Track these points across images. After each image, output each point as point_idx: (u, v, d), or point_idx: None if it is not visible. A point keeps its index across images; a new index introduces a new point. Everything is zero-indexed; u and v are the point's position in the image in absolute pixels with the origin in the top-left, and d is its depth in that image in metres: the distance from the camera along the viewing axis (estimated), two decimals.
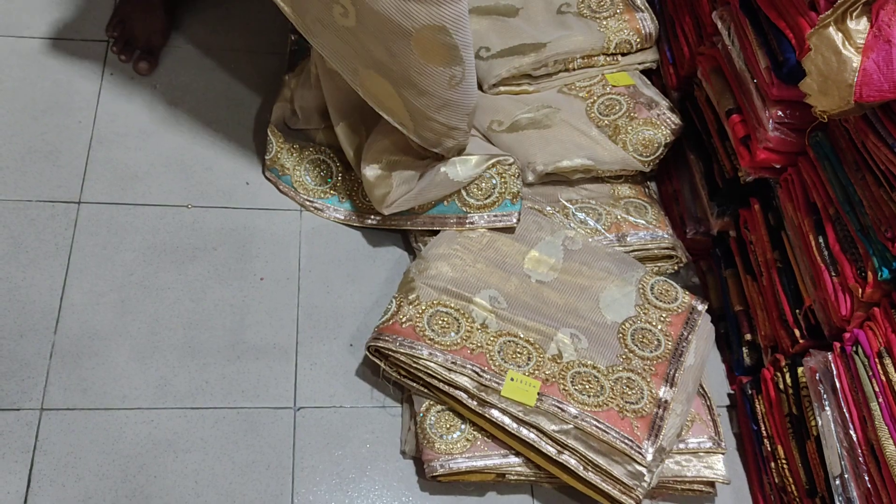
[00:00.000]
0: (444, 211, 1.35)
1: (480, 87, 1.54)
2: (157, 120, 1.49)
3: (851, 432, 1.01)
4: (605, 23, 1.55)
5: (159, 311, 1.30)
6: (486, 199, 1.34)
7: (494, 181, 1.34)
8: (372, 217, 1.41)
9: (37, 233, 1.33)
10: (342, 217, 1.42)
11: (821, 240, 1.09)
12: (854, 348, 1.03)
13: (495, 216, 1.34)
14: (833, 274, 1.07)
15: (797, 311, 1.16)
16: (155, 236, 1.37)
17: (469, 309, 1.25)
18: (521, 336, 1.23)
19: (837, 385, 1.05)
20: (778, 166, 1.19)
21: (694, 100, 1.42)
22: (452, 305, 1.25)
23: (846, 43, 0.92)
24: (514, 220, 1.33)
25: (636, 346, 1.25)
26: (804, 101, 1.01)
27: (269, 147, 1.44)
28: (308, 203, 1.43)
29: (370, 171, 1.33)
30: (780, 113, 1.13)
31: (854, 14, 0.92)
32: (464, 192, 1.34)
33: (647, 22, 1.55)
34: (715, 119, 1.33)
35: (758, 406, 1.23)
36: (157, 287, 1.32)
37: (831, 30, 0.93)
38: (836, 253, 1.07)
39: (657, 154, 1.44)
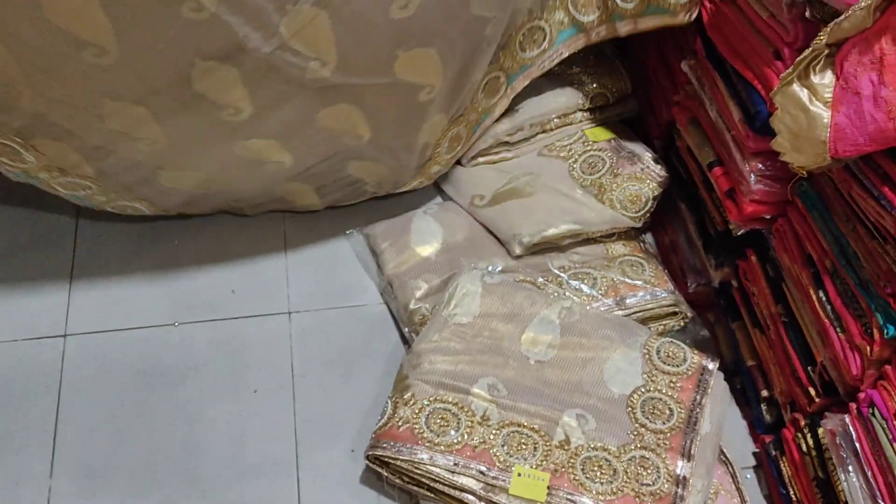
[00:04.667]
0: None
1: (459, 162, 1.51)
2: (138, 237, 1.47)
3: (880, 502, 0.95)
4: (577, 78, 1.51)
5: (154, 439, 1.26)
6: None
7: None
8: None
9: (24, 373, 1.31)
10: None
11: (821, 294, 1.04)
12: (870, 410, 0.97)
13: None
14: (839, 330, 1.01)
15: (809, 368, 1.10)
16: (144, 360, 1.34)
17: (468, 401, 1.20)
18: (525, 424, 1.18)
19: (858, 448, 0.98)
20: (768, 216, 1.13)
21: (676, 150, 1.37)
22: (450, 400, 1.20)
23: (813, 98, 0.88)
24: None
25: (647, 418, 1.19)
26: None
27: None
28: None
29: None
30: (760, 165, 1.08)
31: (817, 68, 0.87)
32: None
33: (621, 72, 1.51)
34: (699, 170, 1.28)
35: (783, 468, 1.16)
36: (149, 413, 1.28)
37: (795, 86, 0.88)
38: (839, 308, 1.01)
39: (646, 208, 1.40)
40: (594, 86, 1.50)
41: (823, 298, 1.03)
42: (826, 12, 0.91)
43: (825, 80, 0.87)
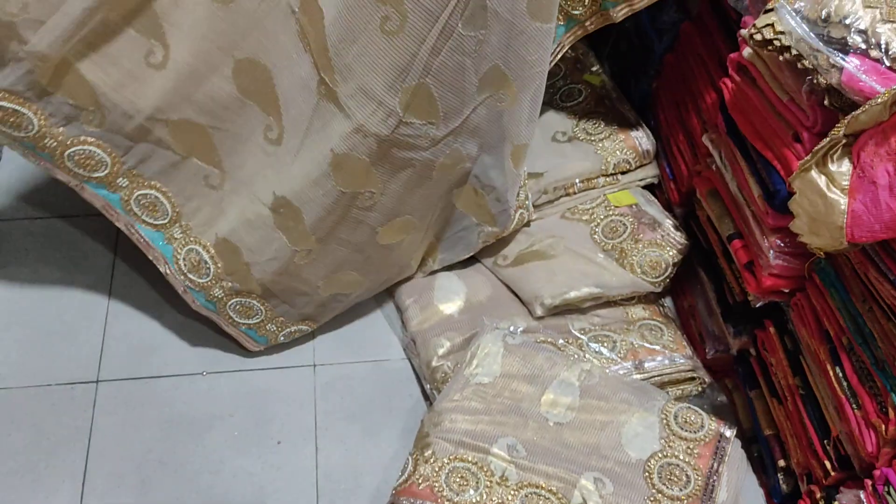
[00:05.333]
0: None
1: None
2: (170, 285, 1.51)
3: None
4: (601, 144, 1.55)
5: (179, 488, 1.29)
6: None
7: None
8: None
9: (57, 417, 1.35)
10: None
11: (838, 370, 1.06)
12: (886, 488, 0.98)
13: None
14: (854, 406, 1.03)
15: (825, 441, 1.12)
16: (172, 408, 1.37)
17: (487, 461, 1.22)
18: (543, 485, 1.20)
19: None
20: (786, 290, 1.16)
21: (696, 218, 1.40)
22: (470, 459, 1.22)
23: (830, 185, 0.91)
24: None
25: (664, 485, 1.21)
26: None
27: None
28: None
29: None
30: (779, 242, 1.11)
31: (835, 156, 0.91)
32: None
33: (643, 140, 1.55)
34: (718, 240, 1.31)
35: None
36: (176, 463, 1.32)
37: (814, 173, 0.92)
38: (855, 385, 1.03)
39: (666, 274, 1.43)
40: (617, 152, 1.54)
41: (840, 374, 1.05)
42: (844, 101, 0.95)
43: (842, 168, 0.91)
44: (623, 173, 1.56)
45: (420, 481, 1.19)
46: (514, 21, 1.14)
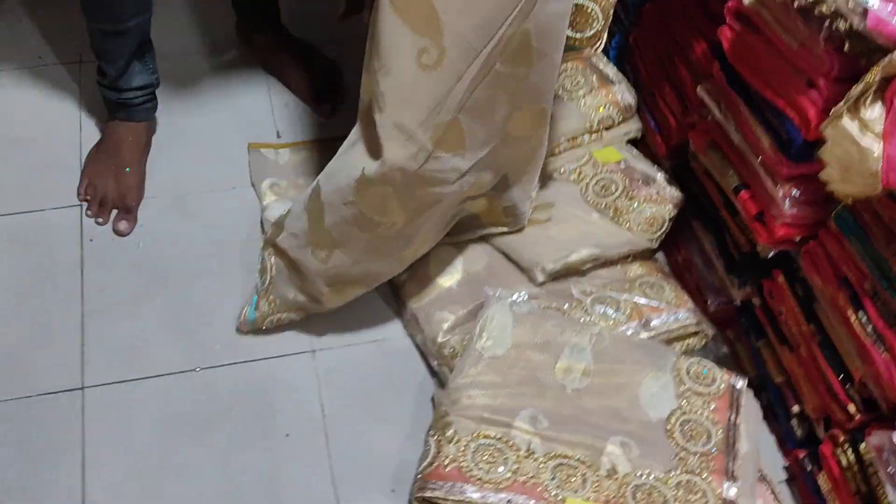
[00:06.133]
0: None
1: None
2: (147, 281, 1.43)
3: None
4: (583, 101, 1.52)
5: (185, 492, 1.23)
6: None
7: None
8: None
9: (44, 430, 1.26)
10: None
11: (861, 315, 1.06)
12: None
13: None
14: (882, 349, 1.04)
15: (848, 385, 1.13)
16: (167, 409, 1.30)
17: (511, 435, 1.19)
18: (571, 455, 1.18)
19: None
20: (798, 239, 1.16)
21: (691, 170, 1.39)
22: (493, 435, 1.19)
23: (864, 131, 0.90)
24: None
25: (688, 441, 1.21)
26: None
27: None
28: None
29: None
30: (794, 190, 1.11)
31: (867, 102, 0.90)
32: None
33: (624, 94, 1.52)
34: (719, 192, 1.30)
35: (821, 483, 1.19)
36: (177, 465, 1.25)
37: (846, 120, 0.90)
38: (881, 329, 1.04)
39: (663, 230, 1.42)
40: (601, 108, 1.51)
41: (863, 319, 1.06)
42: (866, 46, 0.94)
43: (875, 113, 0.90)
44: (607, 129, 1.54)
45: (447, 462, 1.16)
46: (555, 57, 1.13)
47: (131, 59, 1.45)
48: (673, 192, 1.42)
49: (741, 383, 1.28)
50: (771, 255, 1.19)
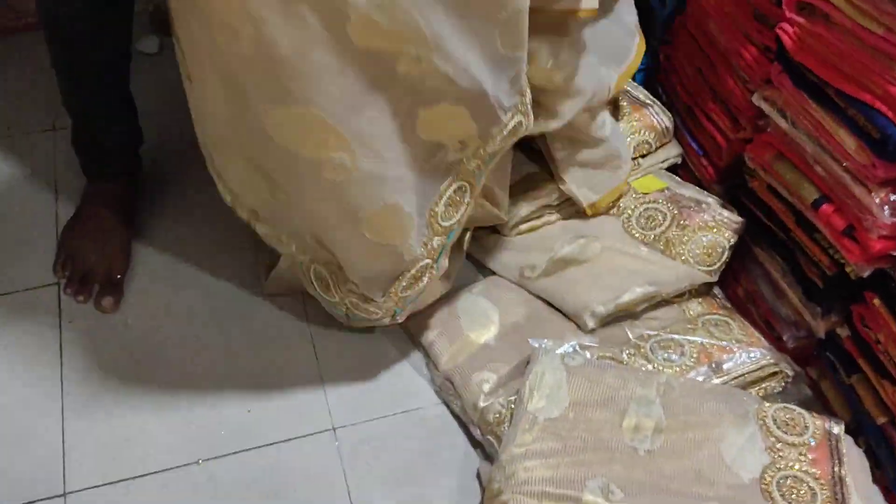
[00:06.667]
0: None
1: (499, 231, 1.34)
2: (138, 360, 1.24)
3: None
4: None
5: None
6: None
7: None
8: None
9: None
10: None
11: None
12: None
13: None
14: None
15: None
16: None
17: None
18: None
19: None
20: None
21: (748, 191, 1.23)
22: None
23: None
24: None
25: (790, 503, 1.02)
26: None
27: None
28: None
29: None
30: (893, 196, 0.94)
31: None
32: None
33: (659, 116, 1.38)
34: (789, 210, 1.14)
35: None
36: None
37: None
38: None
39: (723, 260, 1.25)
40: (636, 133, 1.36)
41: None
42: None
43: None
44: (643, 156, 1.39)
45: None
46: None
47: (109, 115, 1.30)
48: (731, 217, 1.25)
49: (838, 428, 1.10)
50: (865, 273, 1.02)
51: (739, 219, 1.25)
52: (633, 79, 1.45)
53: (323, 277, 1.16)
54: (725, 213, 1.26)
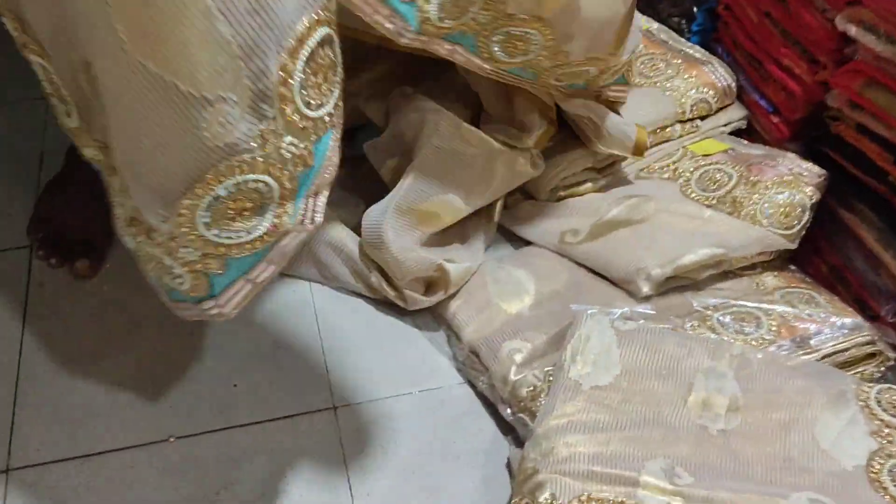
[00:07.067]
0: None
1: (533, 197, 1.16)
2: (110, 330, 1.06)
3: None
4: (668, 84, 1.20)
5: None
6: None
7: None
8: None
9: None
10: None
11: None
12: None
13: None
14: None
15: None
16: (128, 494, 0.90)
17: (638, 496, 0.78)
18: None
19: None
20: None
21: (832, 140, 1.04)
22: (611, 498, 0.78)
23: None
24: None
25: None
26: None
27: None
28: None
29: None
30: None
31: None
32: None
33: (720, 73, 1.21)
34: (886, 150, 0.95)
35: None
36: None
37: None
38: None
39: (803, 222, 1.05)
40: (693, 91, 1.19)
41: None
42: None
43: None
44: (702, 118, 1.21)
45: None
46: None
47: None
48: (812, 169, 1.06)
49: None
50: None
51: (822, 171, 1.06)
52: (689, 40, 1.29)
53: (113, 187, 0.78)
54: (805, 164, 1.07)
